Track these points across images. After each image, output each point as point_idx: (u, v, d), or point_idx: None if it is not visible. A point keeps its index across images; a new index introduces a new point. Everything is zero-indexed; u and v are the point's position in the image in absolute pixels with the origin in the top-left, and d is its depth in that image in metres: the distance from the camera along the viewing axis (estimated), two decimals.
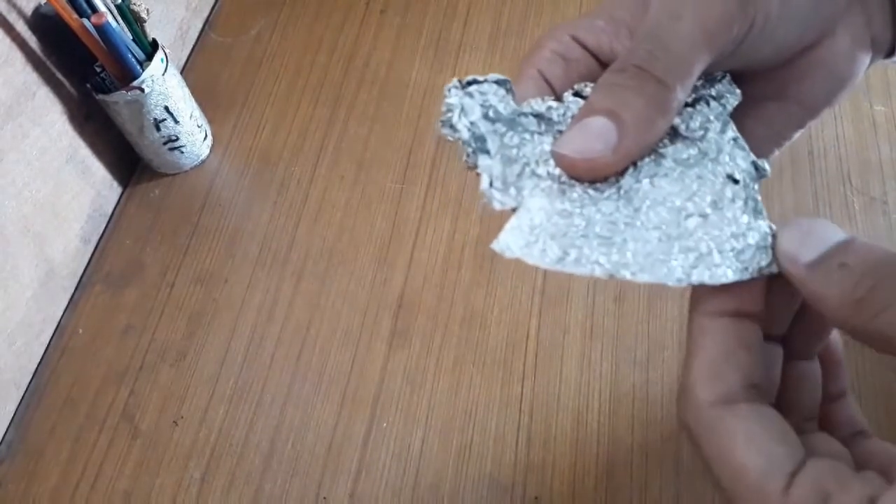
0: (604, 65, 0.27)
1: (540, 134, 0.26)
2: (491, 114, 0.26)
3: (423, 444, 0.55)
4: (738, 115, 0.26)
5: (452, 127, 0.25)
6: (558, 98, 0.27)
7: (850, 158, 0.64)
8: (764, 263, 0.23)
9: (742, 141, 0.25)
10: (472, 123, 0.25)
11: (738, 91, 0.26)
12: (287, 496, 0.54)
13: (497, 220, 0.24)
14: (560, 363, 0.57)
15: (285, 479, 0.55)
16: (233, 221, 0.69)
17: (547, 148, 0.25)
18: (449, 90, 0.26)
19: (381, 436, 0.56)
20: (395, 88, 0.75)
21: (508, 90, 0.26)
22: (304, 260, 0.65)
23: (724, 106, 0.26)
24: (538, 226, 0.24)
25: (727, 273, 0.23)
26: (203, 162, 0.73)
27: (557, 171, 0.25)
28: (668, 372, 0.55)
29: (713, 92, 0.26)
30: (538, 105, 0.26)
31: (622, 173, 0.25)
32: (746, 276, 0.23)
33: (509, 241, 0.23)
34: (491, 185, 0.25)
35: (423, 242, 0.65)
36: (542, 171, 0.25)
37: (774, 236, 0.24)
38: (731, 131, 0.25)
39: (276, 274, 0.65)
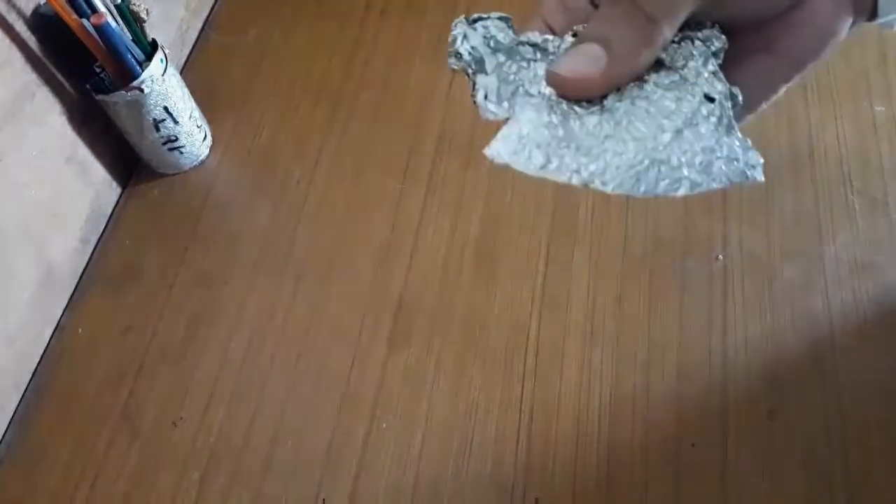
0: None
1: (535, 61, 0.28)
2: (492, 43, 0.28)
3: (423, 445, 0.55)
4: (728, 68, 0.28)
5: (457, 55, 0.28)
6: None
7: (851, 159, 0.64)
8: (733, 177, 0.25)
9: (721, 75, 0.27)
10: (472, 48, 0.28)
11: (723, 37, 0.28)
12: (286, 498, 0.54)
13: (494, 219, 0.24)
14: (560, 364, 0.57)
15: (285, 481, 0.55)
16: (232, 222, 0.69)
17: (540, 72, 0.28)
18: (455, 24, 0.28)
19: (380, 437, 0.56)
20: (395, 89, 0.75)
21: (510, 26, 0.29)
22: (304, 261, 0.65)
23: (708, 47, 0.28)
24: (525, 136, 0.26)
25: (691, 187, 0.25)
26: (202, 162, 0.73)
27: (548, 90, 0.27)
28: (669, 373, 0.55)
29: (700, 35, 0.28)
30: (535, 37, 0.28)
31: (606, 95, 0.27)
32: (712, 186, 0.25)
33: (499, 149, 0.25)
34: (486, 97, 0.27)
35: (423, 243, 0.65)
36: (534, 90, 0.27)
37: (746, 149, 0.25)
38: (712, 65, 0.27)
39: (275, 275, 0.65)
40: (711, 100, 0.26)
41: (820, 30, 0.28)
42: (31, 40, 0.60)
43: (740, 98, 0.27)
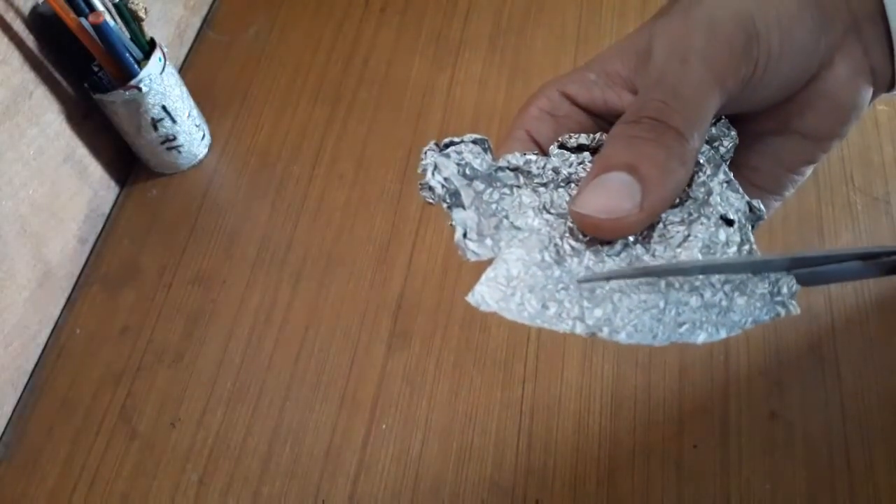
0: (597, 117, 0.26)
1: (518, 187, 0.25)
2: (468, 171, 0.25)
3: (422, 446, 0.55)
4: (742, 152, 0.26)
5: (430, 188, 0.24)
6: (545, 154, 0.26)
7: (853, 159, 0.64)
8: (763, 314, 0.21)
9: (736, 184, 0.24)
10: (445, 179, 0.24)
11: (733, 133, 0.26)
12: (285, 499, 0.54)
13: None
14: (561, 365, 0.57)
15: (283, 482, 0.54)
16: (231, 222, 0.68)
17: (526, 200, 0.24)
18: (425, 153, 0.25)
19: (380, 438, 0.55)
20: (394, 87, 0.75)
21: (486, 149, 0.25)
22: (303, 260, 0.65)
23: (716, 149, 0.25)
24: (515, 277, 0.22)
25: (713, 332, 0.21)
26: (201, 162, 0.73)
27: (536, 222, 0.24)
28: (670, 374, 0.55)
29: (705, 136, 0.25)
30: (515, 159, 0.25)
31: None
32: (737, 330, 0.21)
33: (485, 294, 0.22)
34: (465, 235, 0.24)
35: (423, 243, 0.64)
36: (520, 222, 0.24)
37: (779, 278, 0.22)
38: (723, 174, 0.24)
39: (274, 274, 0.64)
40: (730, 222, 0.23)
41: (838, 102, 0.26)
42: (30, 39, 0.60)
43: (764, 211, 0.23)
